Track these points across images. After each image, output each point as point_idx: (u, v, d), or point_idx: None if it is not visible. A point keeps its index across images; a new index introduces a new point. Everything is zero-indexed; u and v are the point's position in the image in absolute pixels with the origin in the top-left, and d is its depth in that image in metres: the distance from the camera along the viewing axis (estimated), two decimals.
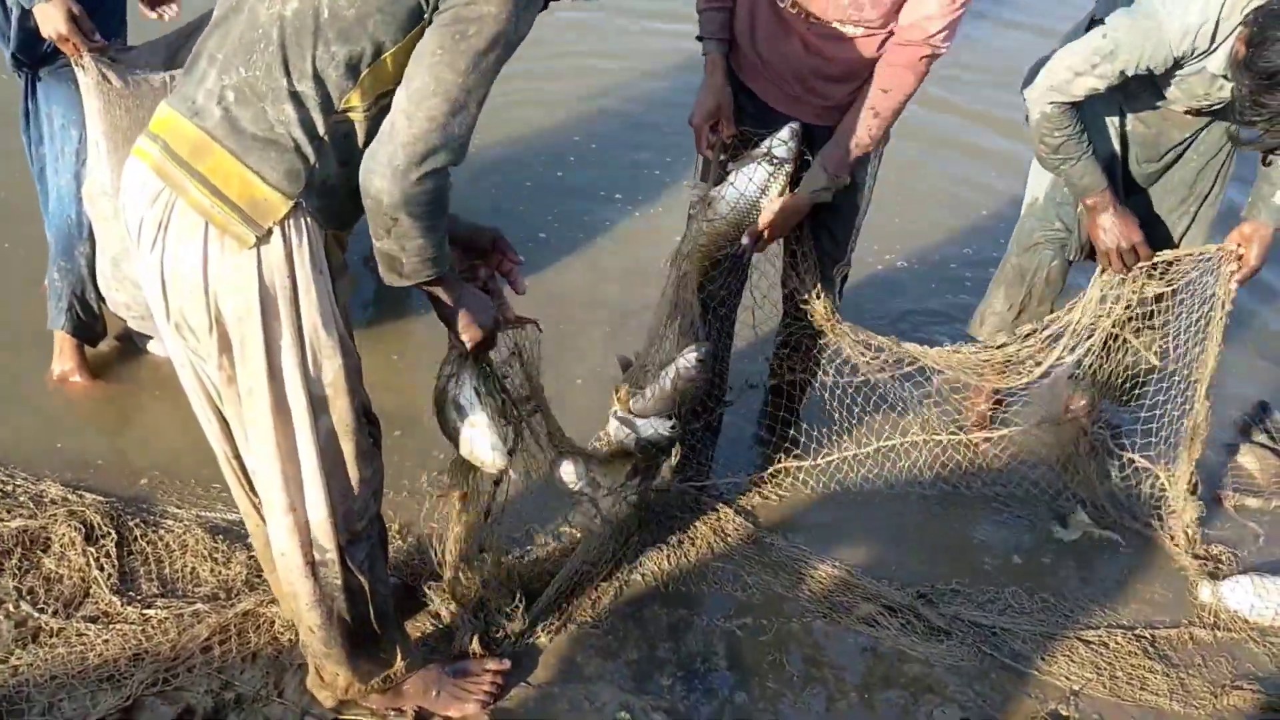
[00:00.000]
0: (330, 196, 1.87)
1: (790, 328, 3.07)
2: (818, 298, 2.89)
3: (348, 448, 2.04)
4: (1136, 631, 2.83)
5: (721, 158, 2.74)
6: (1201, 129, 2.91)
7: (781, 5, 2.56)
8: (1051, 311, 3.12)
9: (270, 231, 1.81)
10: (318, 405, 1.97)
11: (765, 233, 2.66)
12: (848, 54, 2.56)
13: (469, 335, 2.07)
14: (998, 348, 3.00)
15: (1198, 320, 2.94)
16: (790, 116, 2.70)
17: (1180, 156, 2.97)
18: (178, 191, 1.82)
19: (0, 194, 3.98)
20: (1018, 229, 3.21)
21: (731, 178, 2.66)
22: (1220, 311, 2.87)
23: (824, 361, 3.08)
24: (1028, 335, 2.95)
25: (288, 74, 1.77)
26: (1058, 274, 3.14)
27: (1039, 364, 2.97)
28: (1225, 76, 2.55)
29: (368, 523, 2.15)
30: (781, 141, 2.62)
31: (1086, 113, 2.81)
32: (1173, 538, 3.09)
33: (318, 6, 1.75)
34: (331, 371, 1.96)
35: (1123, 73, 2.60)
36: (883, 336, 2.94)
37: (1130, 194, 2.99)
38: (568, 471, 2.59)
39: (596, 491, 2.61)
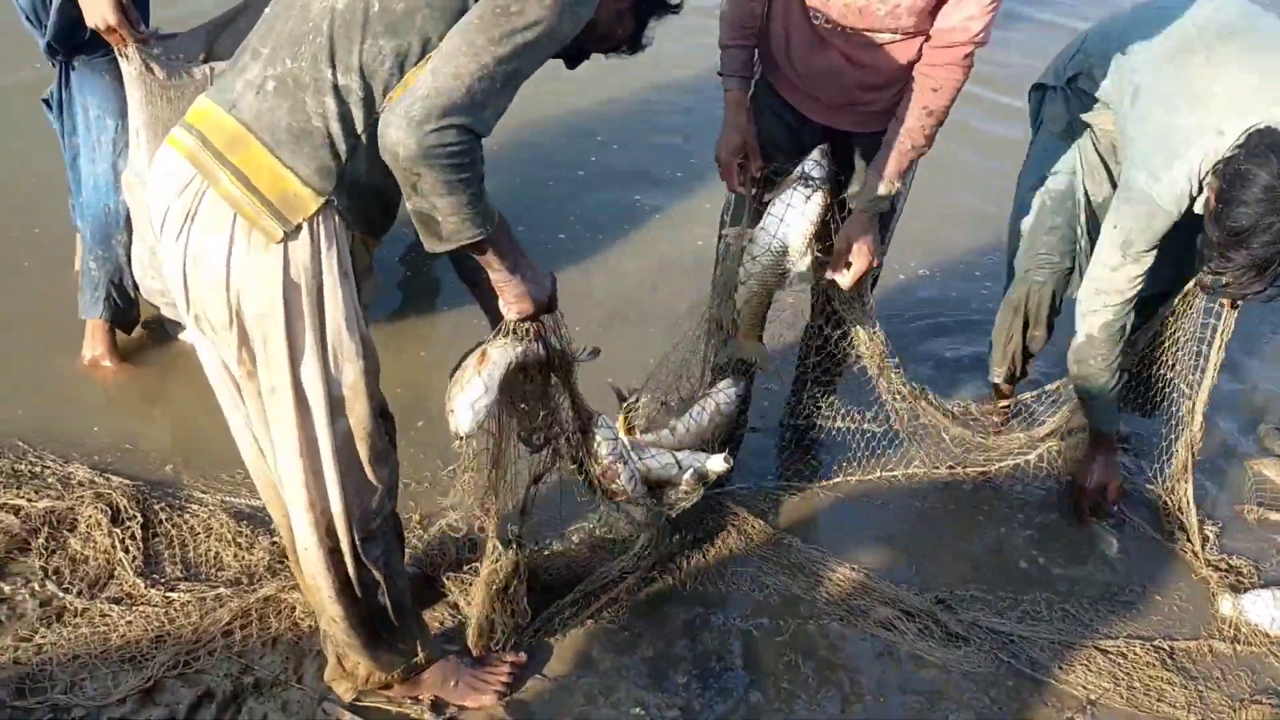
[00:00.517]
0: (362, 198, 1.87)
1: (820, 354, 3.07)
2: (872, 337, 2.90)
3: (364, 450, 2.05)
4: (1155, 642, 2.81)
5: (753, 191, 2.74)
6: None
7: (816, 22, 2.55)
8: (1049, 333, 3.29)
9: (299, 228, 1.82)
10: (336, 407, 1.97)
11: (851, 268, 2.68)
12: (887, 61, 2.55)
13: (517, 308, 2.05)
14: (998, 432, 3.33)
15: (1198, 342, 2.98)
16: (826, 127, 2.72)
17: None
18: (209, 181, 1.83)
19: (31, 180, 4.04)
20: (1010, 261, 3.31)
21: (770, 209, 2.66)
22: (1219, 340, 2.90)
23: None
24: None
25: (333, 66, 1.78)
26: (1048, 299, 3.23)
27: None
28: None
29: (383, 520, 2.16)
30: (815, 163, 2.63)
31: (1085, 155, 3.03)
32: (1193, 552, 3.08)
33: (369, 0, 1.77)
34: (352, 374, 1.96)
35: (1150, 246, 2.72)
36: (910, 387, 3.00)
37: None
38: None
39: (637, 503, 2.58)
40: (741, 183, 2.72)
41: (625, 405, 2.70)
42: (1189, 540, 3.09)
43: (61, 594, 2.56)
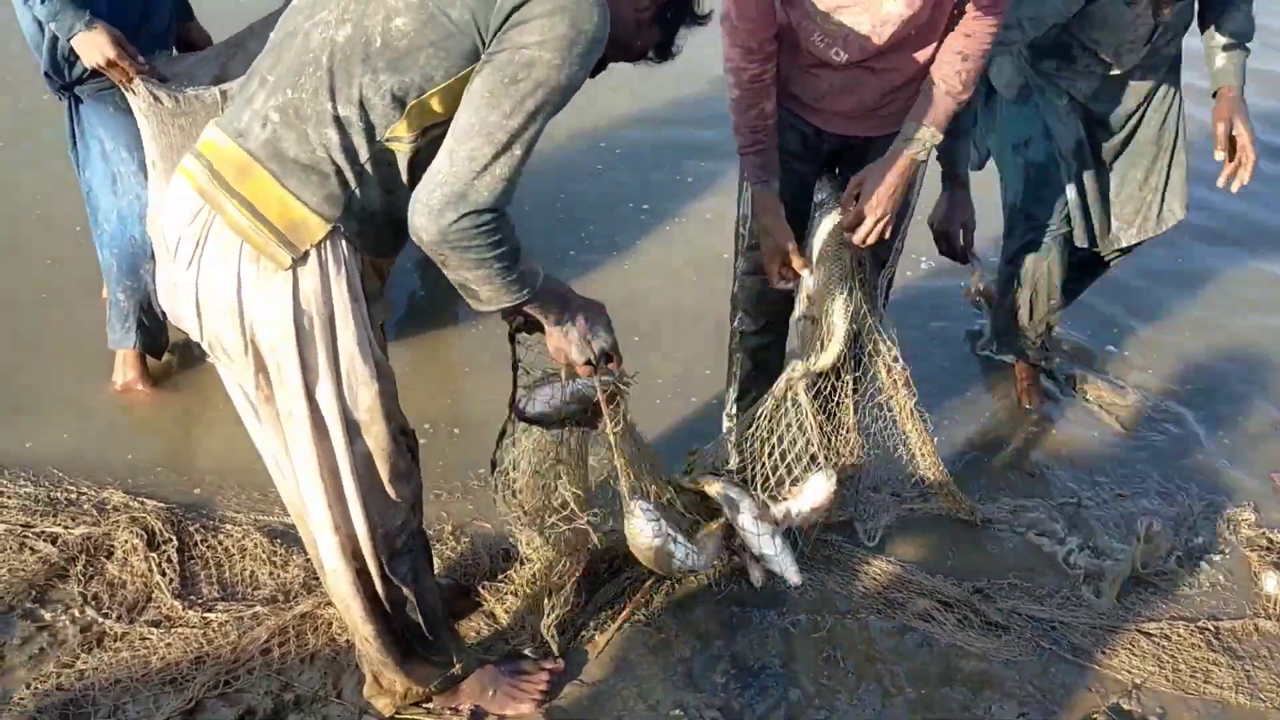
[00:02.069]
0: (371, 223, 1.87)
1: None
2: (891, 352, 2.80)
3: (384, 470, 2.05)
4: (1199, 623, 2.78)
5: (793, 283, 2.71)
6: (1152, 91, 3.14)
7: (838, 60, 2.50)
8: (1065, 298, 3.45)
9: (307, 255, 1.82)
10: (353, 430, 1.98)
11: (876, 220, 2.55)
12: (906, 64, 2.52)
13: (559, 359, 2.11)
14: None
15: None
16: (844, 136, 2.70)
17: (1141, 119, 3.19)
18: (216, 210, 1.83)
19: (51, 209, 4.09)
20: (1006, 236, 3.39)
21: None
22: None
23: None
24: None
25: (333, 98, 1.77)
26: (1058, 265, 3.29)
27: None
28: None
29: (408, 536, 2.16)
30: (821, 186, 2.71)
31: (1049, 112, 3.12)
32: None
33: (370, 35, 1.75)
34: (368, 397, 1.96)
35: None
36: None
37: (1101, 172, 3.24)
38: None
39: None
40: (784, 277, 2.69)
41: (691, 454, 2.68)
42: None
43: (101, 619, 2.57)
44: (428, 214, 1.71)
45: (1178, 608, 2.84)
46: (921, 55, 2.51)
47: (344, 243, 1.85)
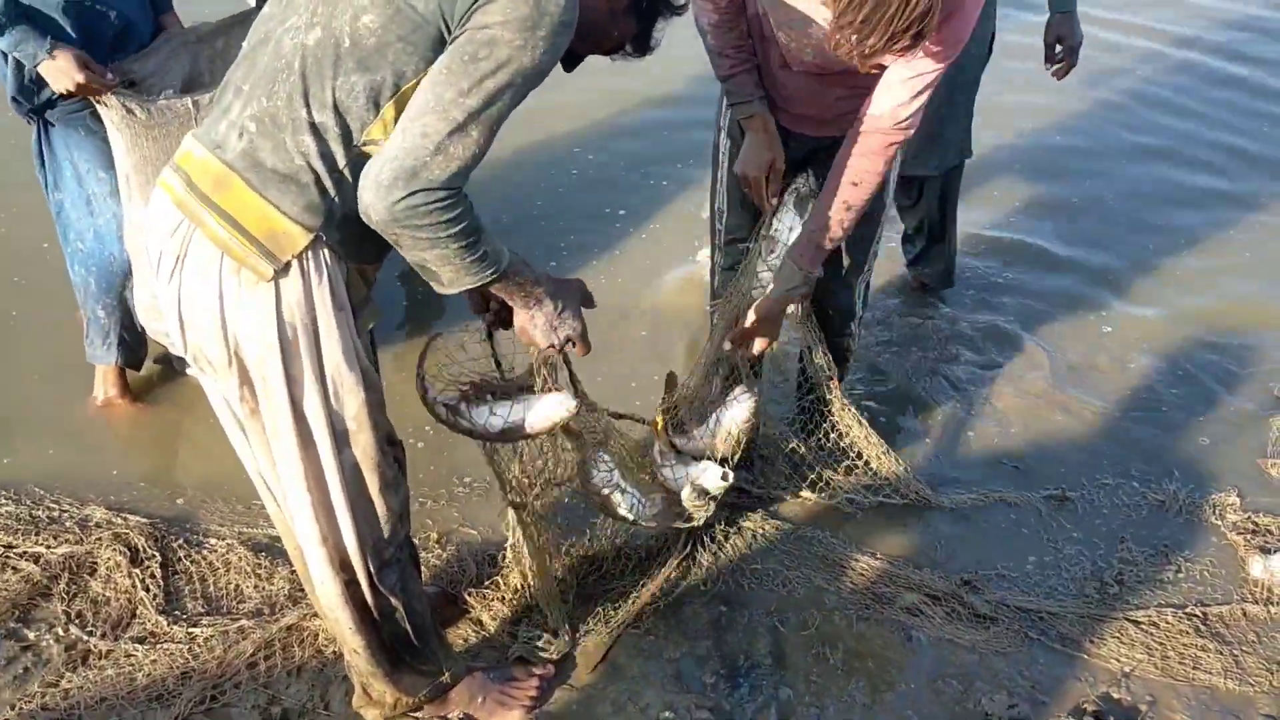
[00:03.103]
0: (353, 231, 1.83)
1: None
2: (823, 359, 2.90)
3: (372, 480, 2.04)
4: (1187, 610, 2.78)
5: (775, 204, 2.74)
6: None
7: (796, 69, 2.52)
8: None
9: (289, 265, 1.81)
10: (340, 439, 1.96)
11: (752, 343, 2.67)
12: (858, 77, 2.50)
13: (524, 340, 2.09)
14: None
15: None
16: (815, 138, 2.71)
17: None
18: (196, 223, 1.82)
19: (14, 228, 4.06)
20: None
21: (773, 230, 2.72)
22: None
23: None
24: None
25: (308, 105, 1.75)
26: None
27: None
28: None
29: (397, 547, 2.15)
30: (805, 182, 2.74)
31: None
32: None
33: (339, 36, 1.74)
34: (354, 406, 1.95)
35: None
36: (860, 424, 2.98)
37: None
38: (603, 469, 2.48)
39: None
40: (773, 193, 2.70)
41: (662, 406, 2.70)
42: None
43: (86, 637, 2.56)
44: (375, 190, 1.67)
45: (1166, 595, 2.84)
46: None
47: (326, 251, 1.84)
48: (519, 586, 2.67)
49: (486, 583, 2.73)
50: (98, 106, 2.74)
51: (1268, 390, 3.60)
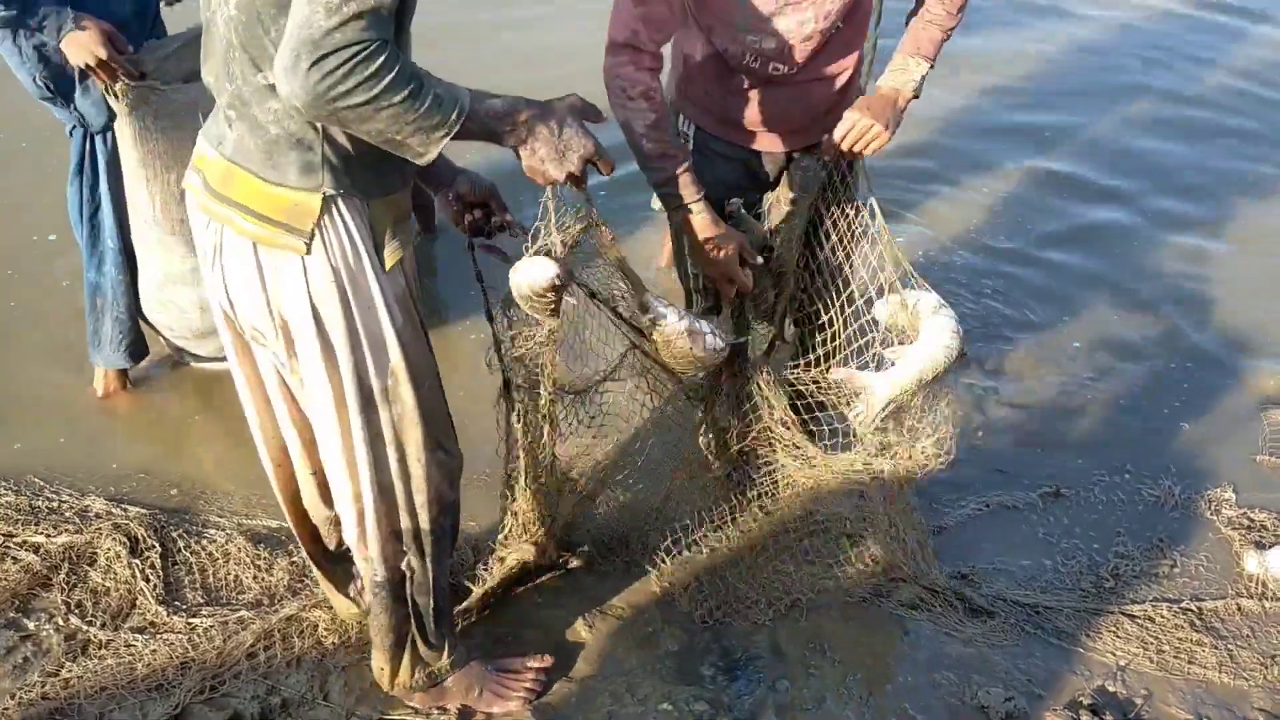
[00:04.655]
0: (355, 169, 1.83)
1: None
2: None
3: (414, 435, 2.05)
4: (1183, 604, 2.80)
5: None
6: None
7: (776, 74, 2.48)
8: None
9: (313, 234, 1.83)
10: (381, 398, 1.99)
11: (869, 125, 2.37)
12: (838, 68, 2.53)
13: (541, 182, 1.89)
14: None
15: None
16: (786, 153, 2.68)
17: None
18: (222, 221, 1.87)
19: (17, 217, 4.08)
20: None
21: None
22: None
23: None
24: None
25: (259, 70, 1.75)
26: None
27: None
28: None
29: (439, 510, 2.17)
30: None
31: None
32: None
33: None
34: (391, 363, 1.98)
35: None
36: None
37: None
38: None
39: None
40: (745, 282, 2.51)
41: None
42: None
43: (85, 627, 2.57)
44: (287, 76, 1.57)
45: (1161, 590, 2.85)
46: (855, 55, 2.54)
47: (343, 208, 1.85)
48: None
49: (482, 568, 2.72)
50: (108, 96, 2.74)
51: (1262, 386, 3.62)
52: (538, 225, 2.00)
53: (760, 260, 2.53)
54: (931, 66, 2.48)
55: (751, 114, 2.58)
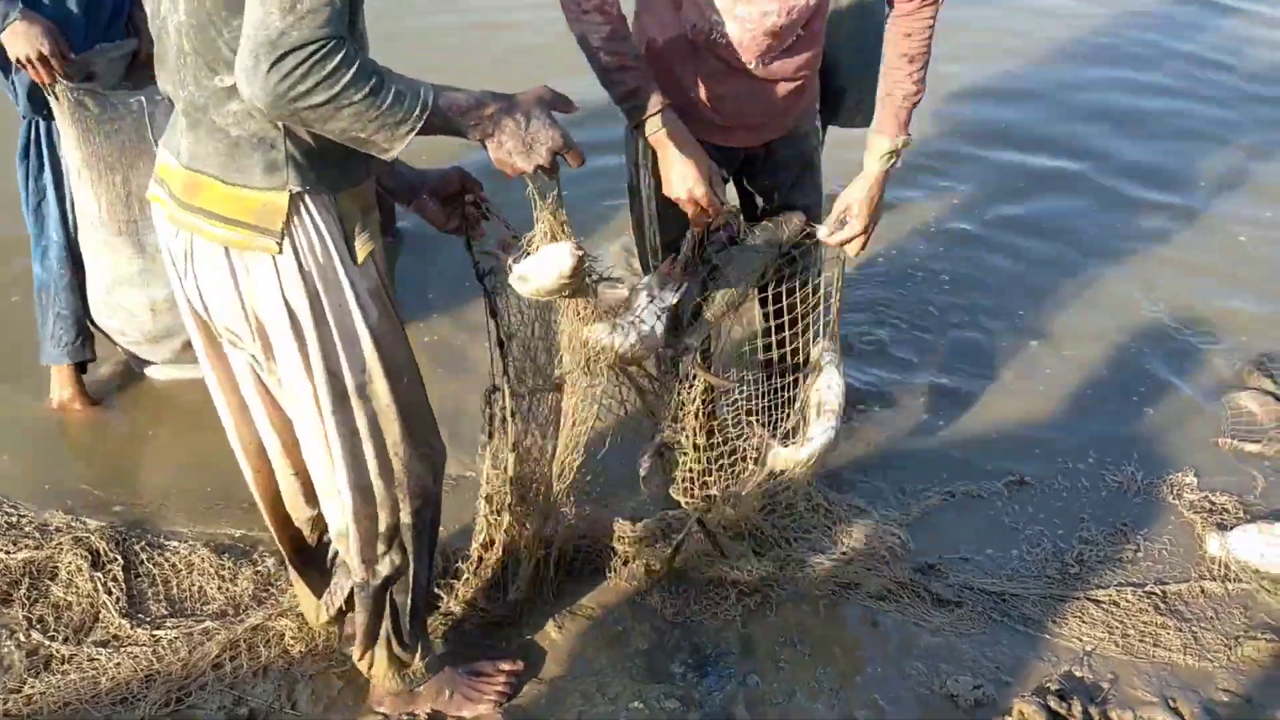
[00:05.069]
0: (319, 163, 1.81)
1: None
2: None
3: (392, 430, 2.04)
4: (1147, 588, 2.82)
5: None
6: None
7: (751, 67, 2.48)
8: None
9: (284, 233, 1.81)
10: (356, 394, 1.98)
11: (866, 233, 2.57)
12: (802, 61, 2.53)
13: (510, 174, 1.86)
14: None
15: None
16: (746, 149, 2.69)
17: None
18: (191, 230, 1.86)
19: None
20: None
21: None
22: None
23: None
24: None
25: (214, 73, 1.74)
26: None
27: None
28: None
29: (422, 504, 2.16)
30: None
31: None
32: None
33: None
34: (365, 358, 1.97)
35: None
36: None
37: None
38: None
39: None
40: (717, 224, 2.54)
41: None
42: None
43: (48, 642, 2.53)
44: (247, 77, 1.57)
45: (1125, 574, 2.88)
46: (810, 49, 2.54)
47: (311, 205, 1.83)
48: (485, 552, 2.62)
49: (455, 575, 2.71)
50: (49, 96, 2.71)
51: (1222, 371, 3.66)
52: (528, 233, 2.02)
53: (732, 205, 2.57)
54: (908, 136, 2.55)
55: (711, 105, 2.57)
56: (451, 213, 2.22)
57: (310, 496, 2.25)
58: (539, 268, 1.97)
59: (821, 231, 2.60)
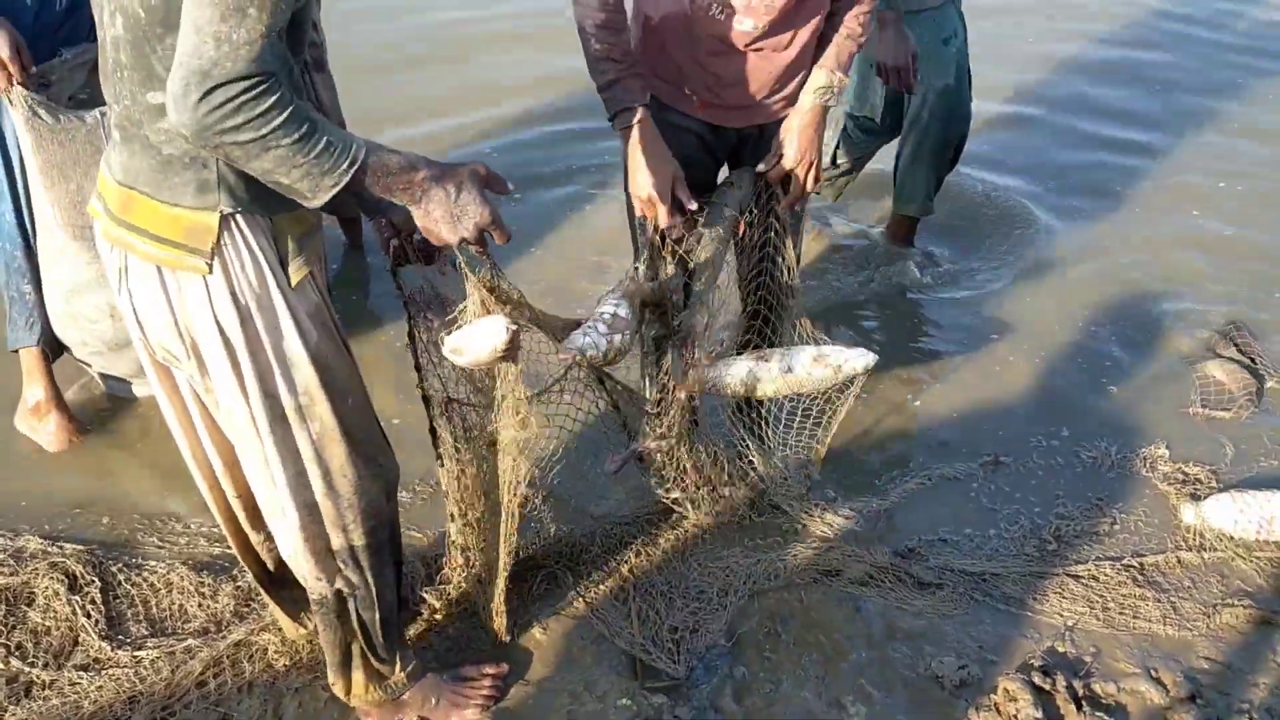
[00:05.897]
0: (252, 185, 1.77)
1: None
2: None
3: (337, 451, 2.02)
4: (1125, 561, 2.85)
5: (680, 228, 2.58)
6: None
7: (746, 45, 2.49)
8: None
9: (214, 254, 1.79)
10: (296, 415, 1.95)
11: (805, 170, 2.62)
12: (800, 39, 2.54)
13: (435, 242, 1.86)
14: None
15: None
16: (739, 130, 2.71)
17: None
18: (124, 247, 1.84)
19: None
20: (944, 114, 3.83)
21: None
22: None
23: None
24: None
25: (148, 89, 1.72)
26: None
27: None
28: None
29: (375, 524, 2.14)
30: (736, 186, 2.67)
31: (957, 12, 3.72)
32: None
33: (133, 10, 1.67)
34: (303, 380, 1.94)
35: None
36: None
37: None
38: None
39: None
40: (683, 224, 2.56)
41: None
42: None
43: (27, 668, 2.50)
44: (176, 104, 1.55)
45: (1103, 548, 2.90)
46: (814, 26, 2.54)
47: (243, 225, 1.81)
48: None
49: (437, 583, 2.71)
50: (3, 100, 2.69)
51: (1189, 342, 3.70)
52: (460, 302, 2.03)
53: (694, 205, 2.57)
54: (845, 75, 2.61)
55: (706, 84, 2.60)
56: (391, 242, 2.19)
57: (255, 519, 2.22)
58: (473, 341, 1.97)
59: (760, 166, 2.67)
